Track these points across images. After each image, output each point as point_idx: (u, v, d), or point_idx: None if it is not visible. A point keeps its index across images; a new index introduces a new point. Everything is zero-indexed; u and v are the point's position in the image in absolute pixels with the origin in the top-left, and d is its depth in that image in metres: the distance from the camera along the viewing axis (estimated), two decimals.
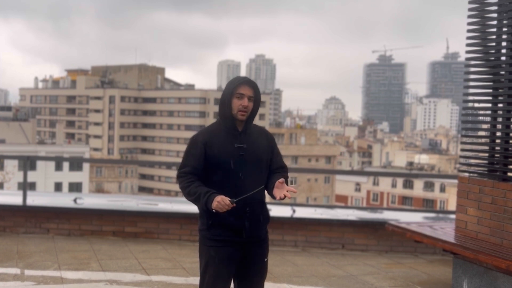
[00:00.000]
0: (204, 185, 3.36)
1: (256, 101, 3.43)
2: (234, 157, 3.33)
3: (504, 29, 5.46)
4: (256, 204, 3.39)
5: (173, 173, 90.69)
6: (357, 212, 8.17)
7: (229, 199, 3.22)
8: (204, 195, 3.28)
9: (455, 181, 6.03)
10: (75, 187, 61.50)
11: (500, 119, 5.51)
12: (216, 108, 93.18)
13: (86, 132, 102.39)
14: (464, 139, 6.21)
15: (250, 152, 3.37)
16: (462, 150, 6.17)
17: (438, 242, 5.40)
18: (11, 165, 48.28)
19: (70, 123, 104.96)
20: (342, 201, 76.44)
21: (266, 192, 3.52)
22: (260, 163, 3.42)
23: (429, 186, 73.02)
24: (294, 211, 7.54)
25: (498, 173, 5.46)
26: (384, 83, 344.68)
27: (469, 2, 5.73)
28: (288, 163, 75.88)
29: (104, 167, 78.55)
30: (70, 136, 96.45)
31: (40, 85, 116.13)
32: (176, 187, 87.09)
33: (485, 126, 5.76)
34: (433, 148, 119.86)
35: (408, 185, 74.81)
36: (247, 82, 3.38)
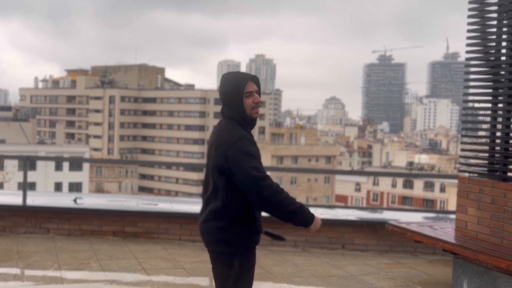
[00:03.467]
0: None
1: (259, 95, 3.36)
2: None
3: (504, 29, 5.47)
4: None
5: (173, 173, 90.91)
6: (357, 212, 8.17)
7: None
8: (306, 209, 3.18)
9: (455, 181, 6.04)
10: (75, 187, 61.53)
11: (500, 119, 5.51)
12: (216, 108, 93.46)
13: (86, 132, 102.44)
14: (464, 139, 6.21)
15: None
16: (462, 150, 6.17)
17: (438, 242, 5.40)
18: (11, 165, 48.32)
19: (70, 123, 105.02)
20: (342, 201, 76.46)
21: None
22: None
23: (429, 186, 73.04)
24: None
25: (498, 173, 5.46)
26: (384, 83, 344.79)
27: (469, 2, 5.73)
28: (288, 163, 76.09)
29: (104, 167, 78.57)
30: (70, 136, 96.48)
31: (40, 85, 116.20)
32: (176, 187, 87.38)
33: (485, 126, 5.76)
34: (433, 148, 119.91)
35: (408, 185, 74.83)
36: (252, 78, 3.29)
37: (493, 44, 5.60)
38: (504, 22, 5.45)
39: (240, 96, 3.24)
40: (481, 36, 5.70)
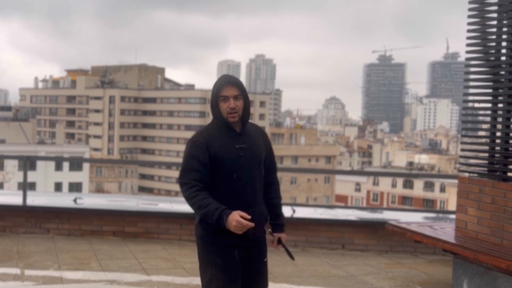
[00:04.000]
0: (210, 195, 3.23)
1: (245, 97, 3.30)
2: (234, 158, 3.25)
3: (504, 29, 5.46)
4: (258, 205, 3.37)
5: (173, 173, 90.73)
6: (357, 212, 8.17)
7: (244, 215, 3.13)
8: (214, 212, 3.13)
9: (455, 181, 6.03)
10: (75, 187, 61.50)
11: (500, 119, 5.51)
12: None
13: (86, 132, 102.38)
14: (464, 139, 6.21)
15: (250, 152, 3.32)
16: (462, 150, 6.17)
17: (438, 242, 5.40)
18: (11, 165, 48.30)
19: (70, 123, 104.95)
20: (342, 201, 76.43)
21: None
22: (259, 163, 3.39)
23: (429, 186, 73.02)
24: (294, 211, 7.54)
25: (498, 173, 5.46)
26: (384, 83, 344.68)
27: (469, 2, 5.73)
28: (288, 163, 76.14)
29: (104, 167, 78.54)
30: (70, 136, 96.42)
31: (40, 85, 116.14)
32: (176, 187, 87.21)
33: (485, 126, 5.76)
34: (433, 148, 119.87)
35: (408, 185, 74.81)
36: (228, 82, 3.26)
37: (493, 44, 5.60)
38: (504, 22, 5.45)
39: (216, 100, 3.27)
40: (481, 36, 5.70)
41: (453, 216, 7.19)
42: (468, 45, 5.75)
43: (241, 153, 3.28)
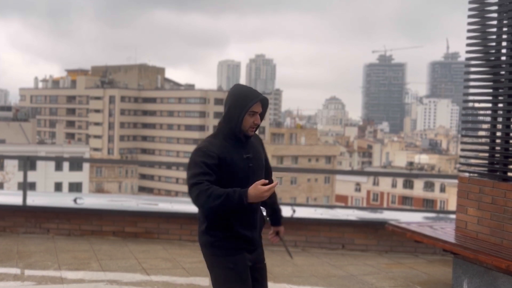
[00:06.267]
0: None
1: (262, 115, 3.42)
2: (245, 168, 3.31)
3: (504, 29, 5.47)
4: (260, 211, 3.46)
5: (173, 173, 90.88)
6: (357, 212, 8.17)
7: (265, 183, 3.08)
8: (234, 192, 3.09)
9: (455, 181, 6.04)
10: (75, 187, 61.51)
11: (500, 119, 5.51)
12: (216, 108, 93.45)
13: (86, 132, 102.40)
14: (464, 139, 6.21)
15: (255, 161, 3.39)
16: (462, 150, 6.18)
17: (438, 242, 5.40)
18: (11, 165, 48.32)
19: (70, 123, 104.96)
20: (342, 201, 76.41)
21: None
22: (262, 169, 3.47)
23: (429, 186, 73.01)
24: (294, 211, 7.54)
25: (498, 173, 5.46)
26: (384, 83, 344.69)
27: (469, 2, 5.73)
28: (288, 163, 76.07)
29: (104, 167, 78.54)
30: (70, 136, 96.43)
31: (40, 85, 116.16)
32: (176, 187, 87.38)
33: (485, 126, 5.76)
34: (433, 148, 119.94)
35: (408, 185, 74.80)
36: (262, 100, 3.34)
37: (493, 44, 5.60)
38: (504, 22, 5.45)
39: (244, 112, 3.28)
40: (481, 36, 5.70)
41: (453, 216, 7.19)
42: (468, 45, 5.76)
43: (250, 163, 3.34)
